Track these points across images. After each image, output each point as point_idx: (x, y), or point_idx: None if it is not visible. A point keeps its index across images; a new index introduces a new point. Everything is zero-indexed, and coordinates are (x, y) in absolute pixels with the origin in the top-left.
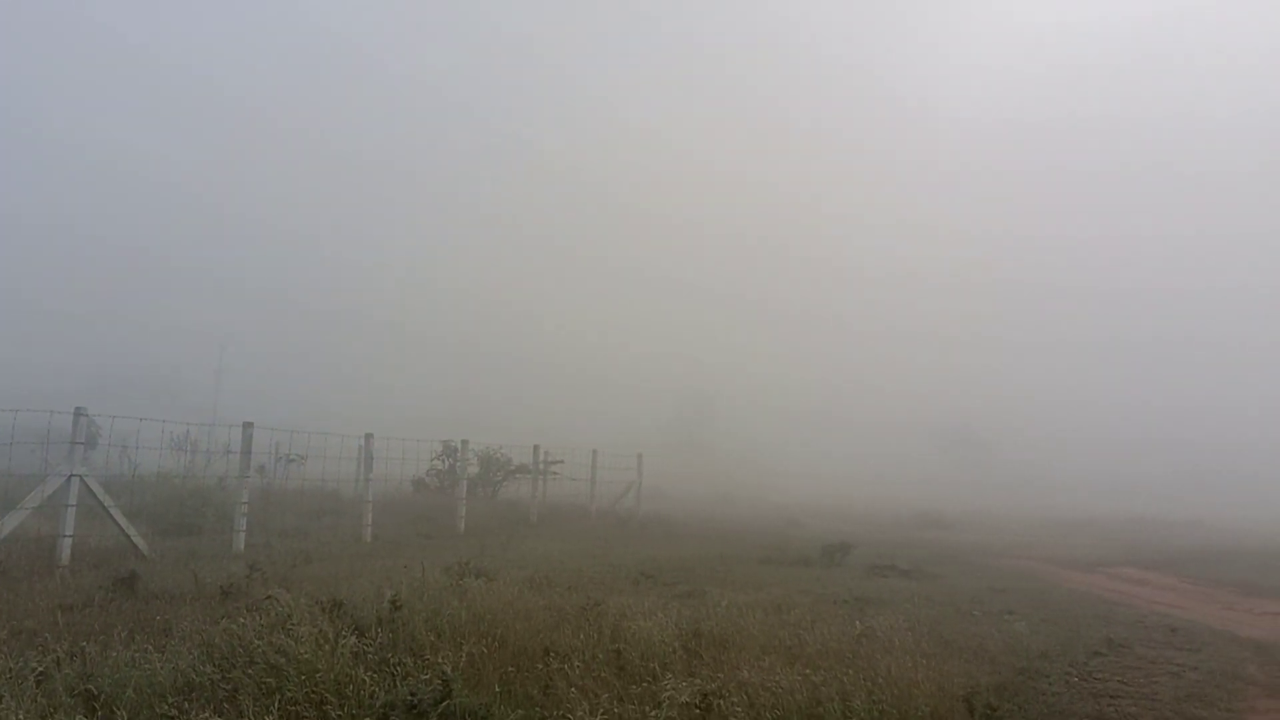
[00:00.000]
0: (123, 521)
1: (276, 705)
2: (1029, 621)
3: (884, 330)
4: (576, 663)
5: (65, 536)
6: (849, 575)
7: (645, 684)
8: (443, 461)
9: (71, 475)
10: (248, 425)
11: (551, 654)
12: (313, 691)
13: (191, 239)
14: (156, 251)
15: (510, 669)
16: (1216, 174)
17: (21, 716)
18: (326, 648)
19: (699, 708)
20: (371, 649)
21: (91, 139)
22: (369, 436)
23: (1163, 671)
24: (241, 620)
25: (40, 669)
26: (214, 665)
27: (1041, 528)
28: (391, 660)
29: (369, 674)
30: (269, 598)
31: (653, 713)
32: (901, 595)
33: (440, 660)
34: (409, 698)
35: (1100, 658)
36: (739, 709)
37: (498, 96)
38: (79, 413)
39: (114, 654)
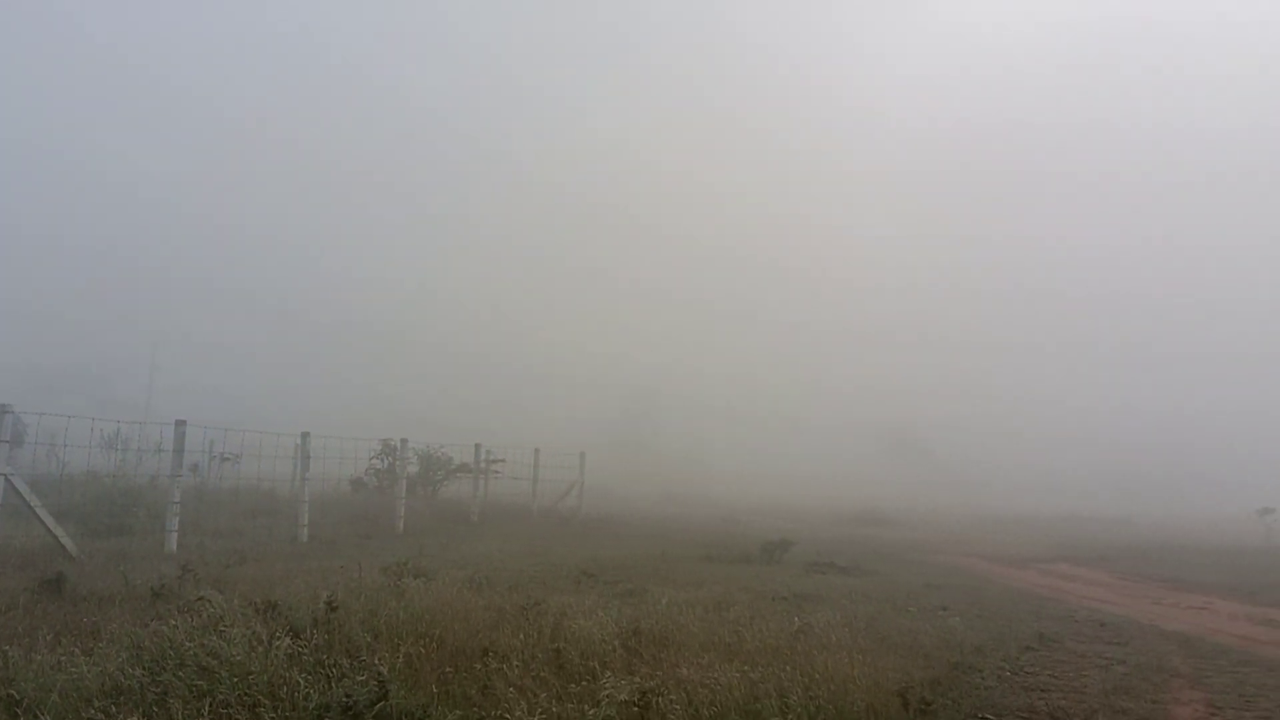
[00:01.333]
0: (50, 522)
1: (208, 708)
2: (963, 617)
3: (829, 330)
4: (515, 662)
5: None
6: (789, 572)
7: (584, 683)
8: (382, 461)
9: None
10: (180, 423)
11: (490, 654)
12: (245, 694)
13: (164, 243)
14: (124, 254)
15: (448, 669)
16: (1173, 179)
17: None
18: (260, 649)
19: (637, 706)
20: (306, 650)
21: (63, 140)
22: (305, 435)
23: (1092, 665)
24: (172, 622)
25: None
26: (143, 668)
27: (978, 525)
28: (327, 662)
29: (303, 676)
30: (201, 599)
31: (591, 711)
32: (840, 591)
33: (377, 661)
34: (344, 699)
35: (1032, 652)
36: (677, 707)
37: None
38: (3, 410)
39: (39, 658)
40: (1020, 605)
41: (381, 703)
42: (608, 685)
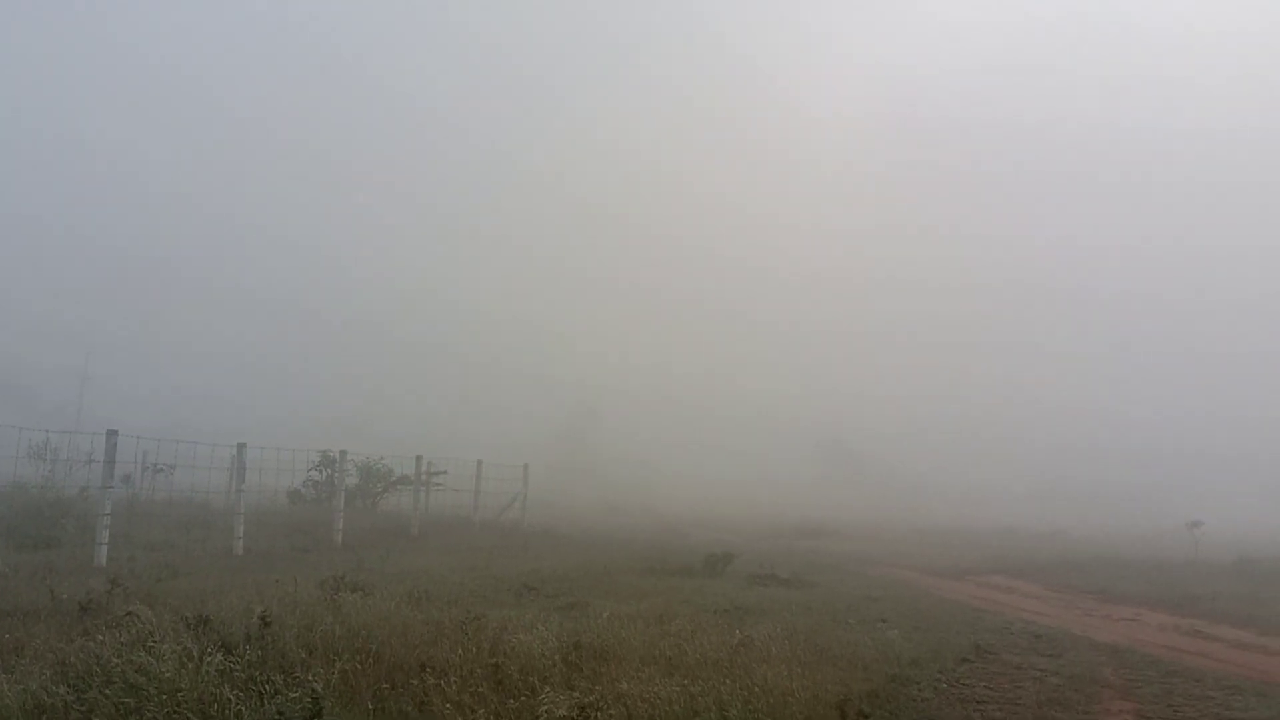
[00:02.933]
0: None
1: None
2: (901, 629)
3: (771, 343)
4: (453, 678)
5: None
6: (730, 584)
7: (523, 698)
8: (320, 472)
9: None
10: (111, 433)
11: (428, 669)
12: (174, 712)
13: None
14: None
15: (385, 686)
16: (1116, 176)
17: None
18: (190, 666)
19: None
20: (239, 667)
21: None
22: (241, 446)
23: (1026, 677)
24: (100, 638)
25: None
26: (68, 686)
27: (917, 537)
28: (260, 678)
29: (235, 693)
30: (130, 614)
31: None
32: (780, 604)
33: (311, 678)
34: (277, 716)
35: (968, 664)
36: None
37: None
38: None
39: None
40: (957, 617)
41: None
42: (546, 700)
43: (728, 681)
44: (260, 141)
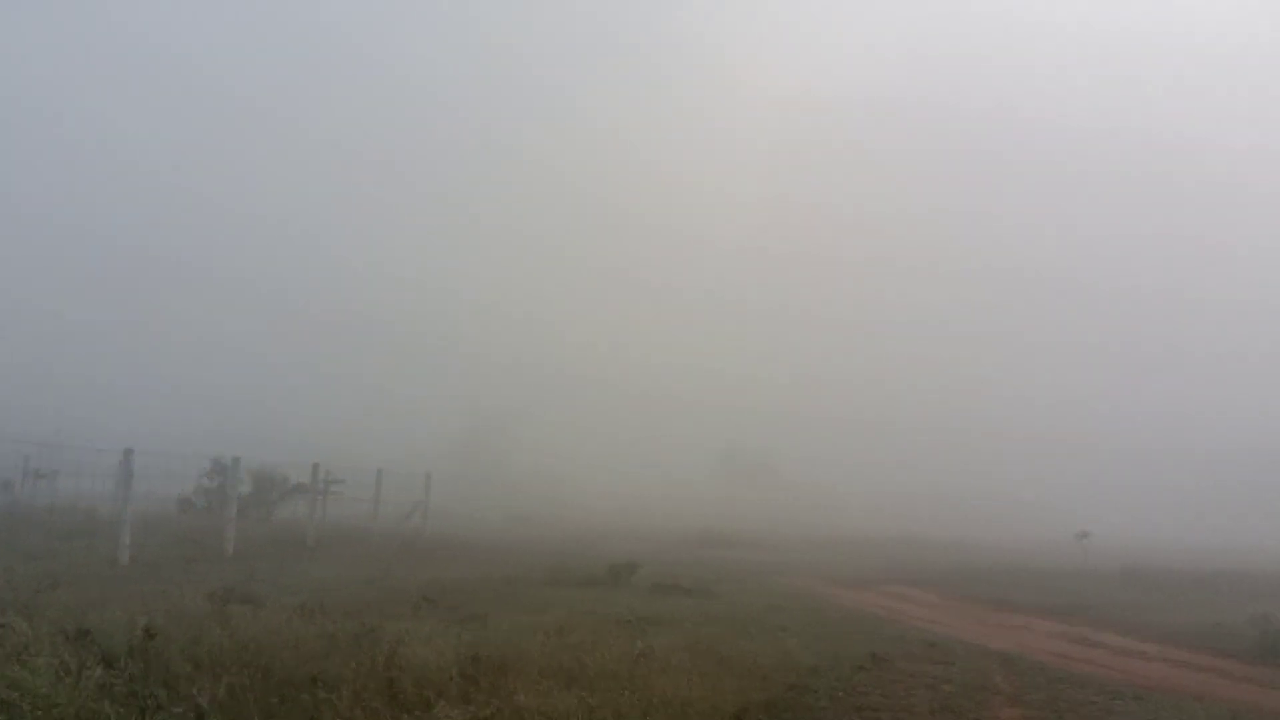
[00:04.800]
0: None
1: None
2: (801, 638)
3: (679, 353)
4: (345, 692)
5: None
6: (634, 595)
7: (418, 712)
8: (211, 480)
9: None
10: None
11: (319, 683)
12: None
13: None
14: None
15: (274, 700)
16: (1064, 169)
17: None
18: (69, 680)
19: None
20: (120, 681)
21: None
22: (129, 452)
23: (920, 684)
24: None
25: None
26: None
27: (821, 546)
28: (142, 693)
29: (116, 708)
30: (4, 626)
31: None
32: (683, 614)
33: (196, 692)
34: None
35: (865, 672)
36: None
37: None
38: None
39: None
40: (856, 626)
41: None
42: (441, 714)
43: (627, 693)
44: (246, 122)
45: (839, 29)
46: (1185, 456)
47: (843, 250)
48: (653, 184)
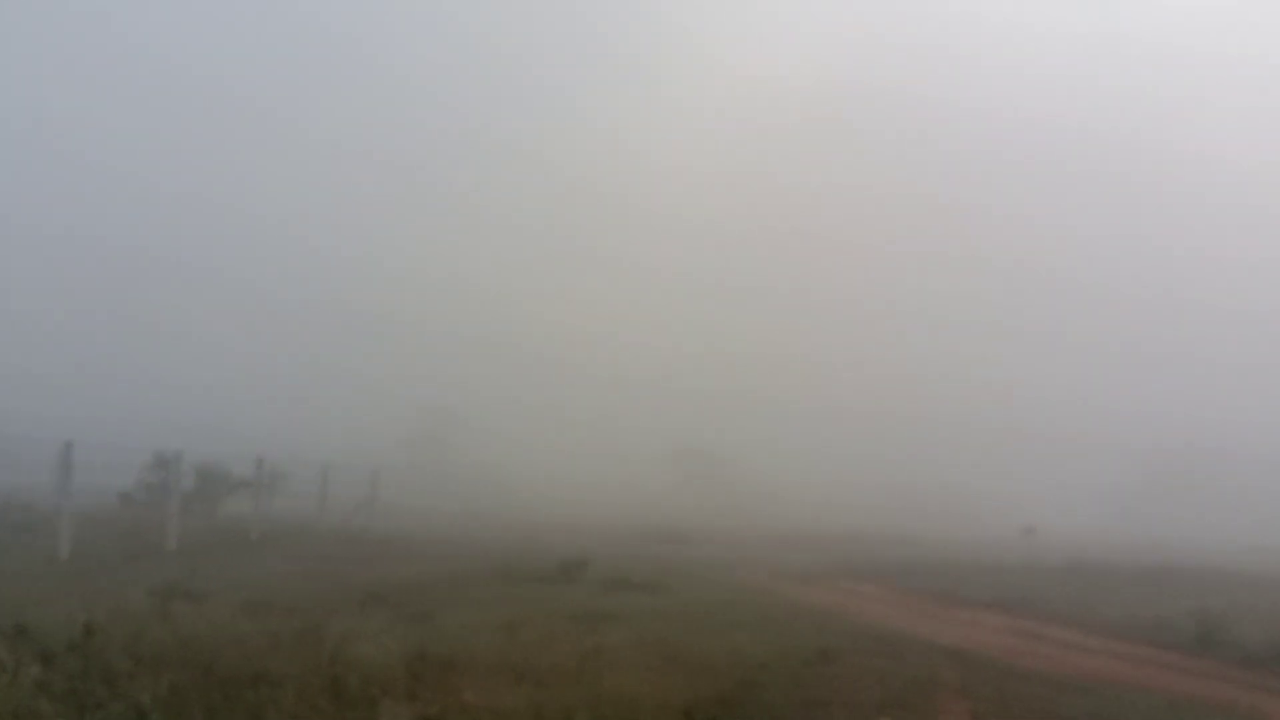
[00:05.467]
0: None
1: None
2: (751, 633)
3: (632, 346)
4: (290, 690)
5: None
6: (585, 591)
7: (363, 710)
8: (154, 474)
9: None
10: None
11: (263, 681)
12: None
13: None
14: None
15: (217, 698)
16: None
17: None
18: (4, 678)
19: None
20: (58, 678)
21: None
22: (68, 444)
23: (870, 678)
24: None
25: None
26: None
27: (773, 541)
28: (81, 690)
29: (54, 706)
30: None
31: None
32: (634, 610)
33: (137, 690)
34: None
35: (814, 667)
36: None
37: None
38: None
39: None
40: (806, 621)
41: None
42: (387, 712)
43: (576, 690)
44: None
45: (824, 16)
46: (1127, 450)
47: (813, 234)
48: (621, 160)
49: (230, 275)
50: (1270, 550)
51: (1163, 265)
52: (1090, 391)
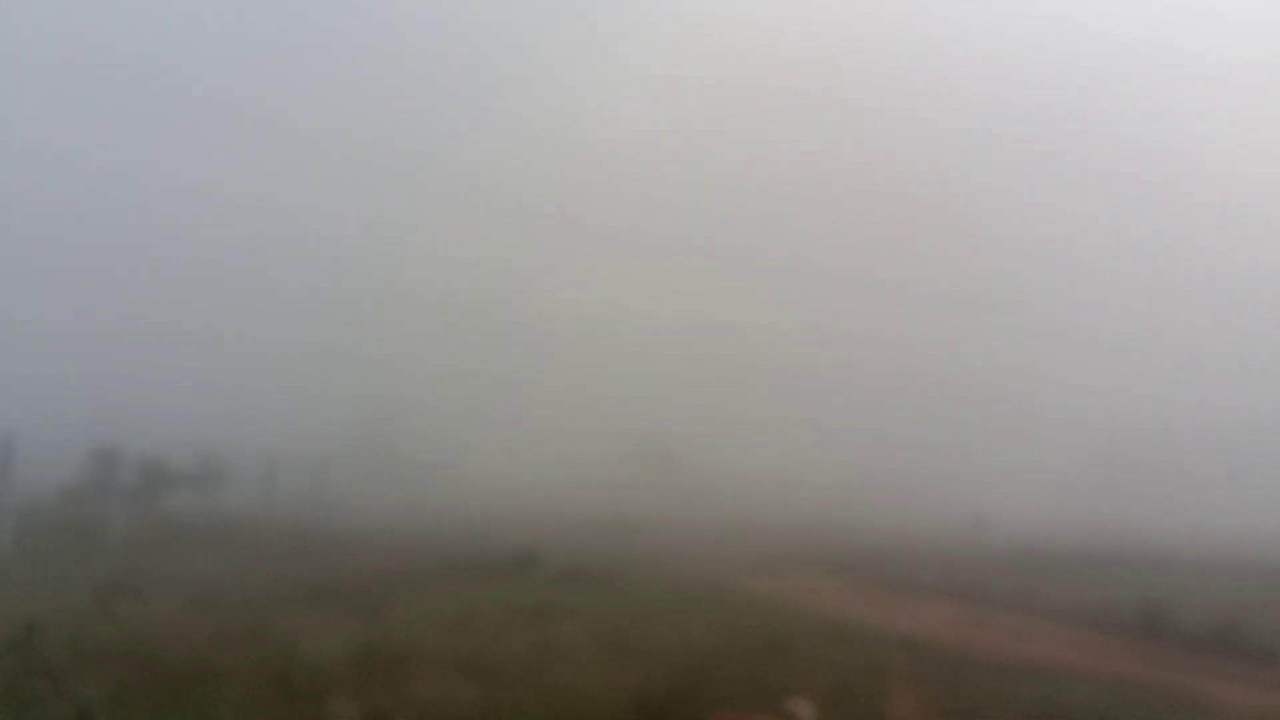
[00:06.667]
0: None
1: None
2: (703, 624)
3: (575, 334)
4: (236, 686)
5: None
6: (537, 584)
7: (311, 705)
8: (95, 468)
9: None
10: None
11: (208, 677)
12: None
13: None
14: None
15: (162, 694)
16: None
17: None
18: None
19: None
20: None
21: None
22: (8, 440)
23: (819, 666)
24: None
25: None
26: None
27: (726, 532)
28: (23, 689)
29: None
30: None
31: None
32: (586, 602)
33: (80, 687)
34: None
35: (765, 656)
36: None
37: None
38: None
39: None
40: (757, 610)
41: None
42: (334, 707)
43: (528, 683)
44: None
45: None
46: (1082, 433)
47: (776, 208)
48: (571, 115)
49: (169, 262)
50: (1216, 534)
51: (1129, 250)
52: (1047, 376)
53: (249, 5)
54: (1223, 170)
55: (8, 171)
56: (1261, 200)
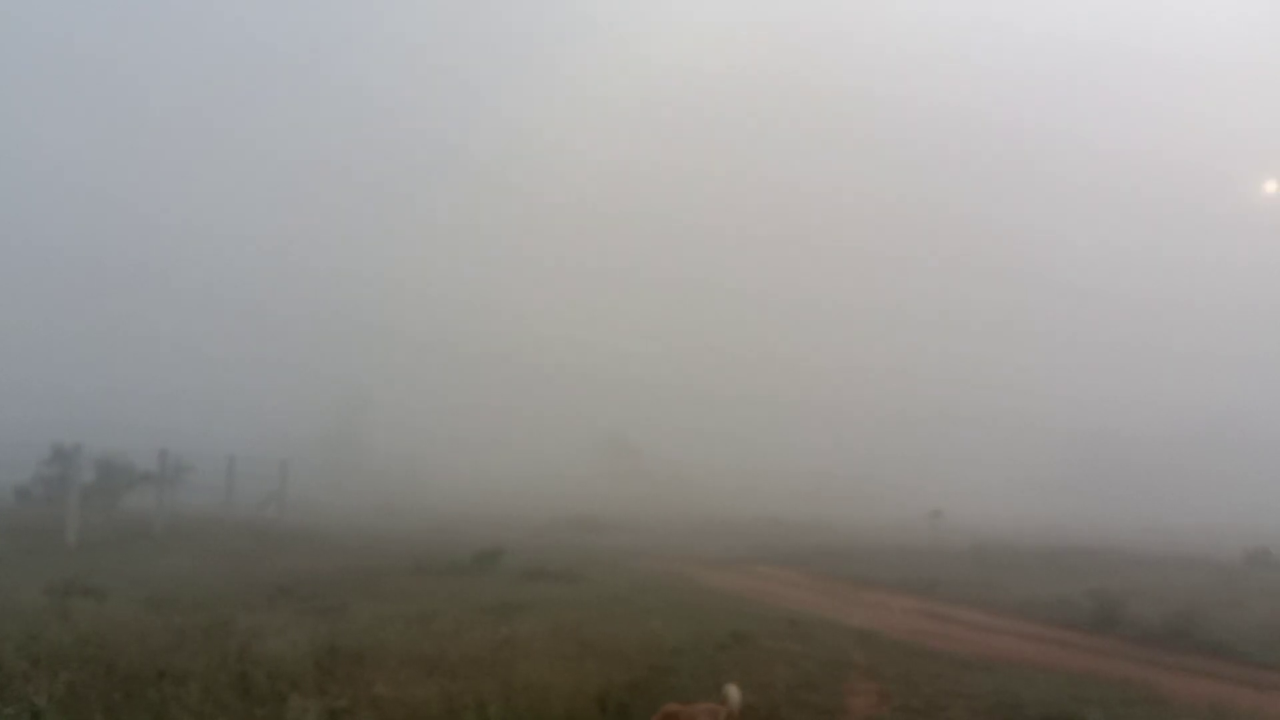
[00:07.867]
0: None
1: None
2: (665, 620)
3: (550, 337)
4: (195, 687)
5: None
6: (500, 581)
7: (271, 706)
8: (51, 467)
9: None
10: None
11: (167, 678)
12: None
13: None
14: None
15: (118, 697)
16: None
17: None
18: None
19: None
20: None
21: None
22: None
23: (781, 661)
24: None
25: None
26: None
27: (689, 529)
28: None
29: None
30: None
31: None
32: (548, 599)
33: (32, 690)
34: None
35: (726, 651)
36: None
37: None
38: None
39: None
40: (720, 606)
41: None
42: (295, 707)
43: (489, 680)
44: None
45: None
46: (1043, 434)
47: (732, 226)
48: (536, 153)
49: (138, 268)
50: (1170, 530)
51: (1085, 255)
52: (1006, 378)
53: (223, 32)
54: (1179, 173)
55: None
56: (1214, 202)
